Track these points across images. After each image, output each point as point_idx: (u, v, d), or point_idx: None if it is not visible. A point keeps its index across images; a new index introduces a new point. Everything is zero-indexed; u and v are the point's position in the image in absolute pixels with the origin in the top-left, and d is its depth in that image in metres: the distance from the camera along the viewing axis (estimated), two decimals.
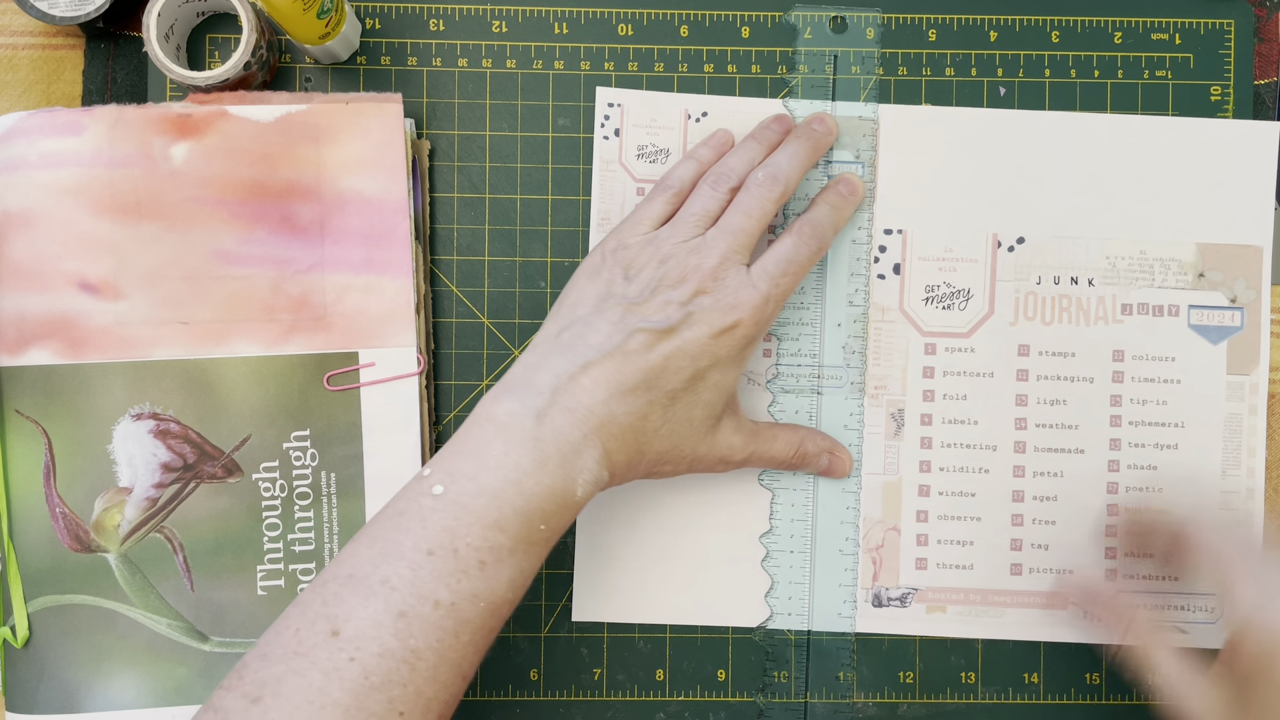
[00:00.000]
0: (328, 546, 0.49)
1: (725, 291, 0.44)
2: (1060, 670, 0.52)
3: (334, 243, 0.49)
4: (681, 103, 0.51)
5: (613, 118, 0.51)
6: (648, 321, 0.43)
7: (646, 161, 0.51)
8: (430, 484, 0.41)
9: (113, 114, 0.48)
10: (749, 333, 0.44)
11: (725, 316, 0.44)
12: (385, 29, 0.52)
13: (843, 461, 0.50)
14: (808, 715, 0.51)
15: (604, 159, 0.51)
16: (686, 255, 0.45)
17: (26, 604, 0.48)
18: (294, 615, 0.39)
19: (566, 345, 0.44)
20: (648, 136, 0.51)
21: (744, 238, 0.45)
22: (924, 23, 0.53)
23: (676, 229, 0.46)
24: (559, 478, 0.41)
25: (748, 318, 0.44)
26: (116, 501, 0.48)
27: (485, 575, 0.40)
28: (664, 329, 0.43)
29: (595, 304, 0.45)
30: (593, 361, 0.43)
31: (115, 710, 0.48)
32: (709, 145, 0.50)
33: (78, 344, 0.48)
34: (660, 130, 0.51)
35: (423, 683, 0.38)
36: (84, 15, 0.49)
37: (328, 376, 0.49)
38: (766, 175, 0.46)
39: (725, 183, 0.47)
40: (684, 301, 0.44)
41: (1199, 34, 0.53)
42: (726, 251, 0.45)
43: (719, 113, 0.51)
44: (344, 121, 0.49)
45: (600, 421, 0.42)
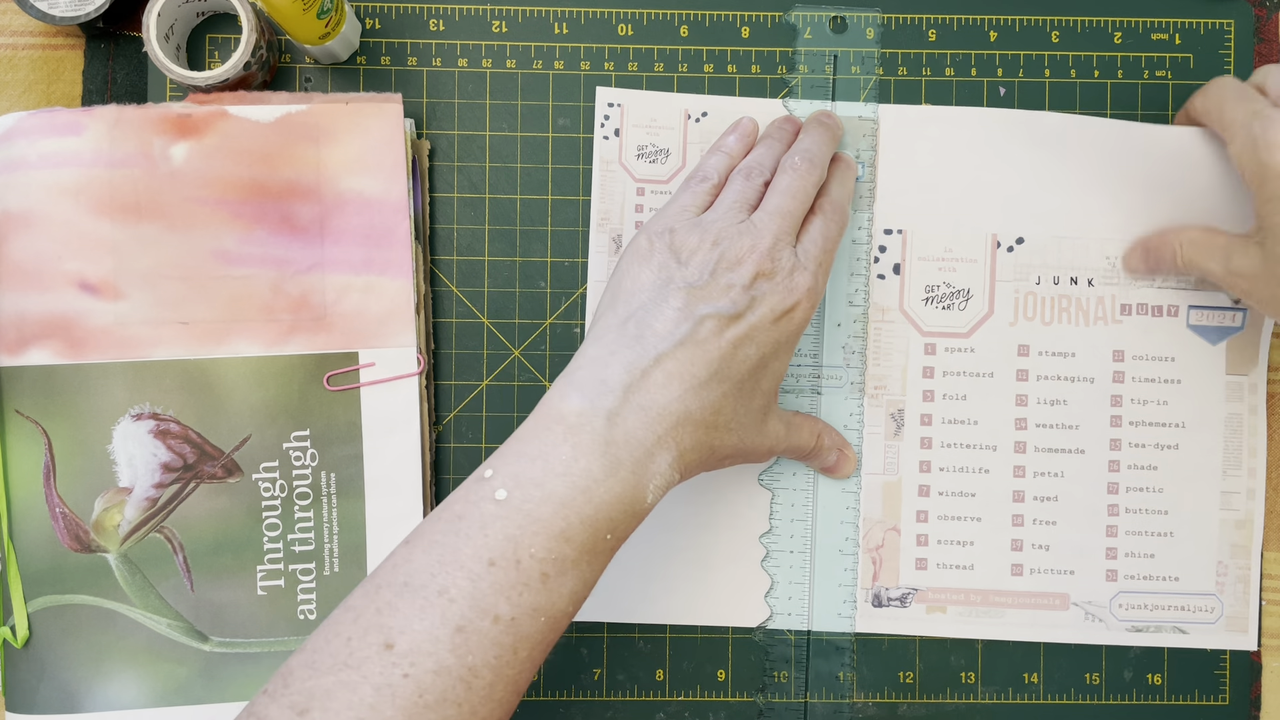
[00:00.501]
0: (327, 546, 0.49)
1: (781, 273, 0.43)
2: (1060, 670, 0.52)
3: (334, 243, 0.49)
4: (681, 103, 0.51)
5: (612, 118, 0.51)
6: (714, 307, 0.42)
7: (646, 161, 0.51)
8: (493, 488, 0.39)
9: (113, 114, 0.48)
10: (806, 314, 0.44)
11: (786, 299, 0.43)
12: (385, 29, 0.52)
13: (849, 461, 0.49)
14: (808, 715, 0.51)
15: (604, 159, 0.51)
16: (738, 237, 0.43)
17: (26, 604, 0.48)
18: (345, 622, 0.37)
19: (634, 336, 0.42)
20: (647, 136, 0.51)
21: (790, 220, 0.45)
22: (924, 23, 0.53)
23: (721, 213, 0.45)
24: (630, 484, 0.39)
25: (805, 299, 0.43)
26: (116, 501, 0.48)
27: (548, 588, 0.38)
28: (731, 314, 0.42)
29: (655, 289, 0.43)
30: (665, 353, 0.41)
31: (115, 710, 0.48)
32: (736, 135, 0.49)
33: (78, 344, 0.48)
34: (660, 130, 0.51)
35: (478, 702, 0.37)
36: (84, 15, 0.49)
37: (328, 376, 0.49)
38: (803, 159, 0.46)
39: (759, 175, 0.46)
40: (746, 285, 0.42)
41: (1199, 34, 0.53)
42: (778, 232, 0.44)
43: (719, 113, 0.51)
44: (344, 121, 0.49)
45: (676, 420, 0.40)
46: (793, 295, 0.43)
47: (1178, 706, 0.52)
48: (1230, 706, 0.52)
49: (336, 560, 0.49)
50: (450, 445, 0.52)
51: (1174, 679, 0.52)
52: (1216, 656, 0.51)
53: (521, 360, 0.52)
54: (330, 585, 0.49)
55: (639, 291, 0.43)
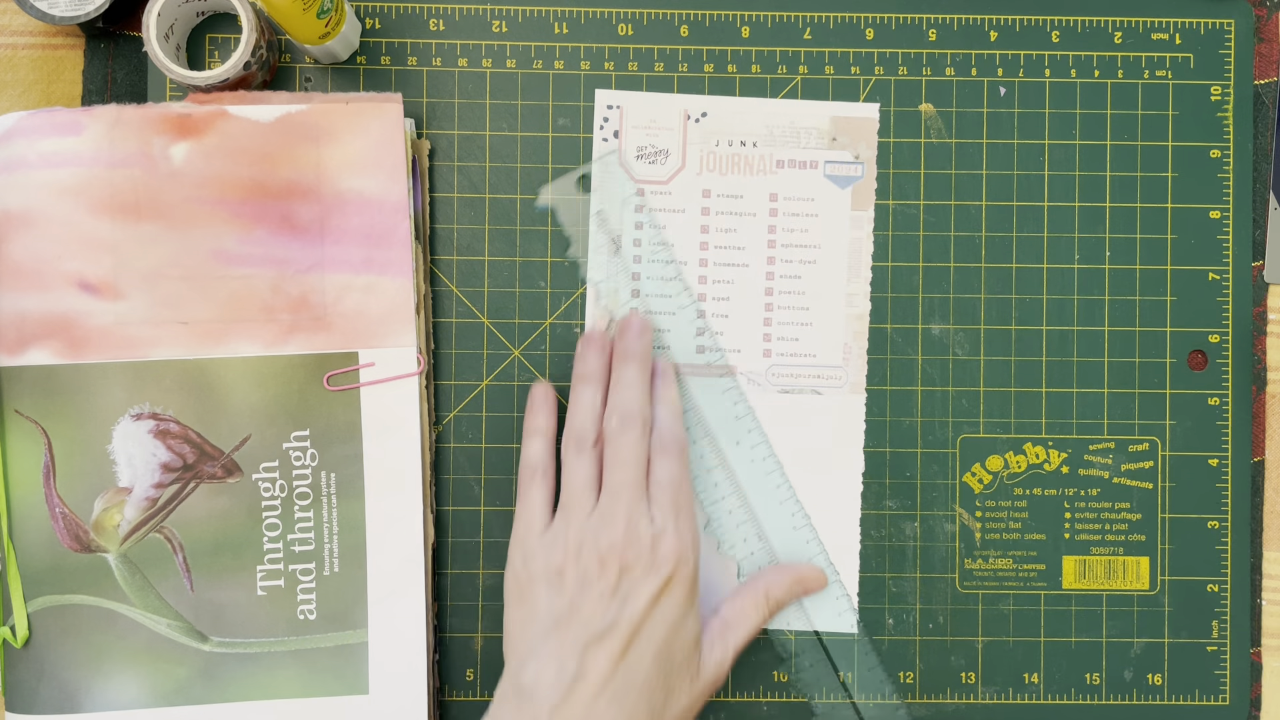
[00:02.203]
0: (327, 546, 0.49)
1: (643, 558, 0.45)
2: (1060, 670, 0.52)
3: (334, 243, 0.49)
4: (681, 103, 0.51)
5: (611, 119, 0.52)
6: (590, 630, 0.43)
7: (646, 162, 0.51)
8: None
9: (113, 114, 0.48)
10: (685, 579, 0.45)
11: (656, 579, 0.44)
12: (385, 29, 0.52)
13: (817, 580, 0.50)
14: (808, 715, 0.51)
15: (603, 161, 0.51)
16: (592, 536, 0.45)
17: (26, 604, 0.48)
18: None
19: (528, 694, 0.43)
20: (647, 137, 0.52)
21: (633, 489, 0.46)
22: (924, 23, 0.53)
23: (568, 513, 0.46)
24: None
25: (678, 568, 0.45)
26: (116, 501, 0.48)
27: None
28: (608, 628, 0.43)
29: (536, 633, 0.44)
30: (557, 704, 0.42)
31: (115, 710, 0.48)
32: (539, 411, 0.49)
33: (78, 344, 0.48)
34: (660, 131, 0.51)
35: None
36: (84, 15, 0.49)
37: (328, 376, 0.49)
38: (620, 421, 0.47)
39: (585, 444, 0.47)
40: (614, 587, 0.44)
41: (1199, 34, 0.53)
42: (626, 511, 0.45)
43: (718, 112, 0.51)
44: (344, 121, 0.49)
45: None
46: (662, 571, 0.44)
47: (1178, 706, 0.52)
48: (1230, 706, 0.52)
49: (336, 560, 0.49)
50: (450, 445, 0.52)
51: (1174, 679, 0.52)
52: (1217, 657, 0.51)
53: (521, 360, 0.52)
54: (330, 585, 0.49)
55: (519, 641, 0.45)
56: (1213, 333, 0.53)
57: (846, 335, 0.52)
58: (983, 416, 0.52)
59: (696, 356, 0.51)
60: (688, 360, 0.51)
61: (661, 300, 0.52)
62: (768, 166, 0.52)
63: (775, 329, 0.52)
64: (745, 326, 0.52)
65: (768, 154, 0.52)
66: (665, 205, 0.52)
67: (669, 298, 0.51)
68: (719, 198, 0.52)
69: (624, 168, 0.51)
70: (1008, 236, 0.52)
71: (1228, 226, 0.53)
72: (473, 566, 0.51)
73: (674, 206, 0.52)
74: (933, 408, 0.52)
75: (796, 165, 0.52)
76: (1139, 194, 0.53)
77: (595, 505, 0.46)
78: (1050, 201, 0.53)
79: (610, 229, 0.51)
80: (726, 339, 0.52)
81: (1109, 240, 0.53)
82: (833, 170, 0.52)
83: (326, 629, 0.49)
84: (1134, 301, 0.52)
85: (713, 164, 0.52)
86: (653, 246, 0.51)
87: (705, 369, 0.51)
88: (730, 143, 0.52)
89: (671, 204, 0.52)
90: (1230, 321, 0.53)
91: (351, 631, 0.49)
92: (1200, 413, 0.52)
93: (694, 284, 0.52)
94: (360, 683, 0.49)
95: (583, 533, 0.45)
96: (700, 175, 0.52)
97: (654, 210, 0.51)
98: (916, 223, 0.52)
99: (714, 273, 0.52)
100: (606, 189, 0.52)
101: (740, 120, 0.52)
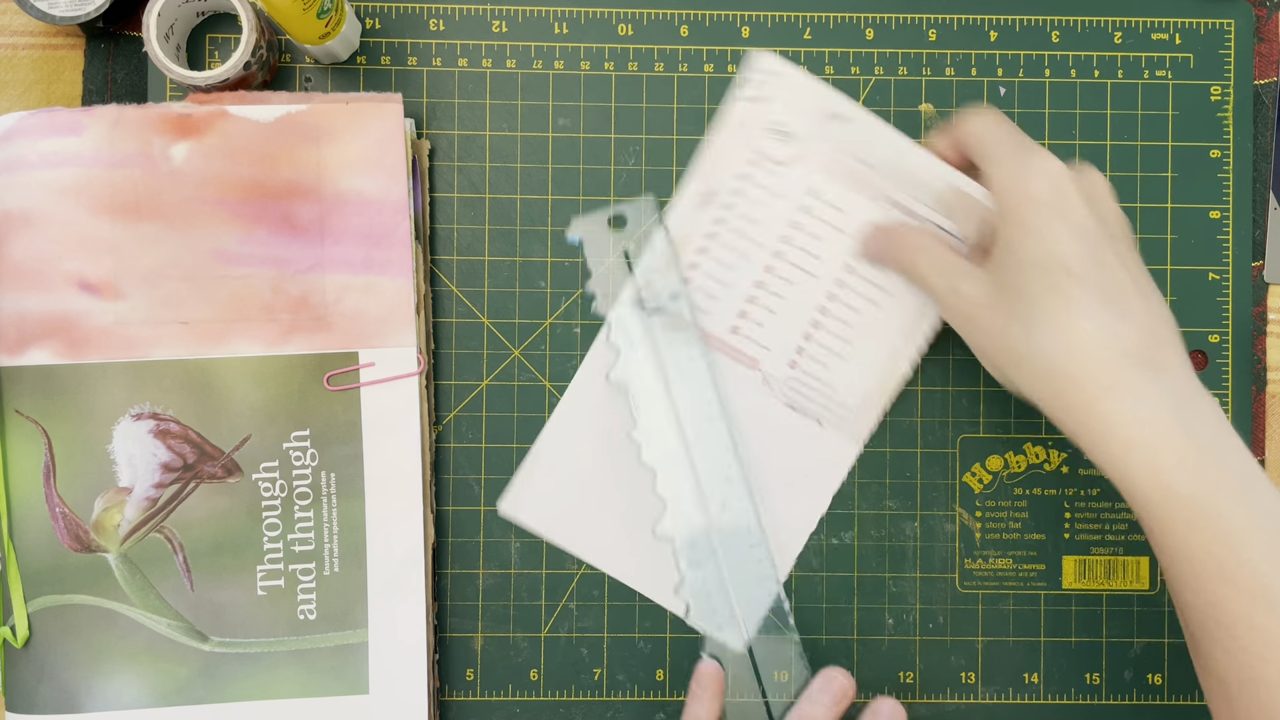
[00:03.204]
0: (327, 546, 0.49)
1: None
2: (1060, 670, 0.52)
3: (334, 243, 0.49)
4: (828, 98, 0.51)
5: (766, 84, 0.51)
6: None
7: (774, 138, 0.51)
8: None
9: (113, 114, 0.48)
10: None
11: None
12: (385, 29, 0.52)
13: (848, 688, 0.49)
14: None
15: (739, 121, 0.51)
16: None
17: (26, 604, 0.48)
18: None
19: None
20: (784, 113, 0.51)
21: None
22: (924, 23, 0.53)
23: None
24: None
25: None
26: (116, 501, 0.48)
27: None
28: None
29: None
30: None
31: (115, 710, 0.48)
32: (702, 700, 0.49)
33: (78, 344, 0.48)
34: (799, 113, 0.51)
35: None
36: (84, 15, 0.49)
37: (328, 376, 0.49)
38: None
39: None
40: None
41: (1199, 34, 0.53)
42: None
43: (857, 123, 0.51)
44: (344, 121, 0.49)
45: None
46: None
47: (1178, 706, 0.52)
48: None
49: (336, 560, 0.49)
50: (450, 445, 0.52)
51: (1174, 679, 0.52)
52: None
53: (521, 360, 0.52)
54: (330, 585, 0.49)
55: None
56: (1213, 333, 0.53)
57: (873, 385, 0.51)
58: (983, 416, 0.52)
59: (729, 335, 0.51)
60: (719, 335, 0.51)
61: (721, 267, 0.51)
62: (879, 196, 0.50)
63: (810, 346, 0.51)
64: (784, 331, 0.51)
65: (884, 185, 0.50)
66: (770, 184, 0.51)
67: (730, 268, 0.51)
68: (821, 203, 0.51)
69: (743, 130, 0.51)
70: None
71: (1228, 226, 0.53)
72: (473, 566, 0.51)
73: (777, 190, 0.51)
74: (933, 408, 0.52)
75: (905, 212, 0.50)
76: (1139, 194, 0.53)
77: None
78: None
79: (708, 185, 0.51)
80: (762, 333, 0.51)
81: None
82: None
83: (327, 629, 0.49)
84: None
85: (832, 168, 0.51)
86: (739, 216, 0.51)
87: (730, 349, 0.51)
88: (856, 157, 0.51)
89: (776, 186, 0.51)
90: (1230, 321, 0.53)
91: (351, 631, 0.49)
92: None
93: (758, 268, 0.51)
94: (360, 683, 0.49)
95: None
96: (813, 174, 0.51)
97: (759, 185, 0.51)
98: None
99: (781, 268, 0.51)
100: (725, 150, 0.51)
101: (873, 140, 0.50)
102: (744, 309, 0.51)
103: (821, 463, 0.52)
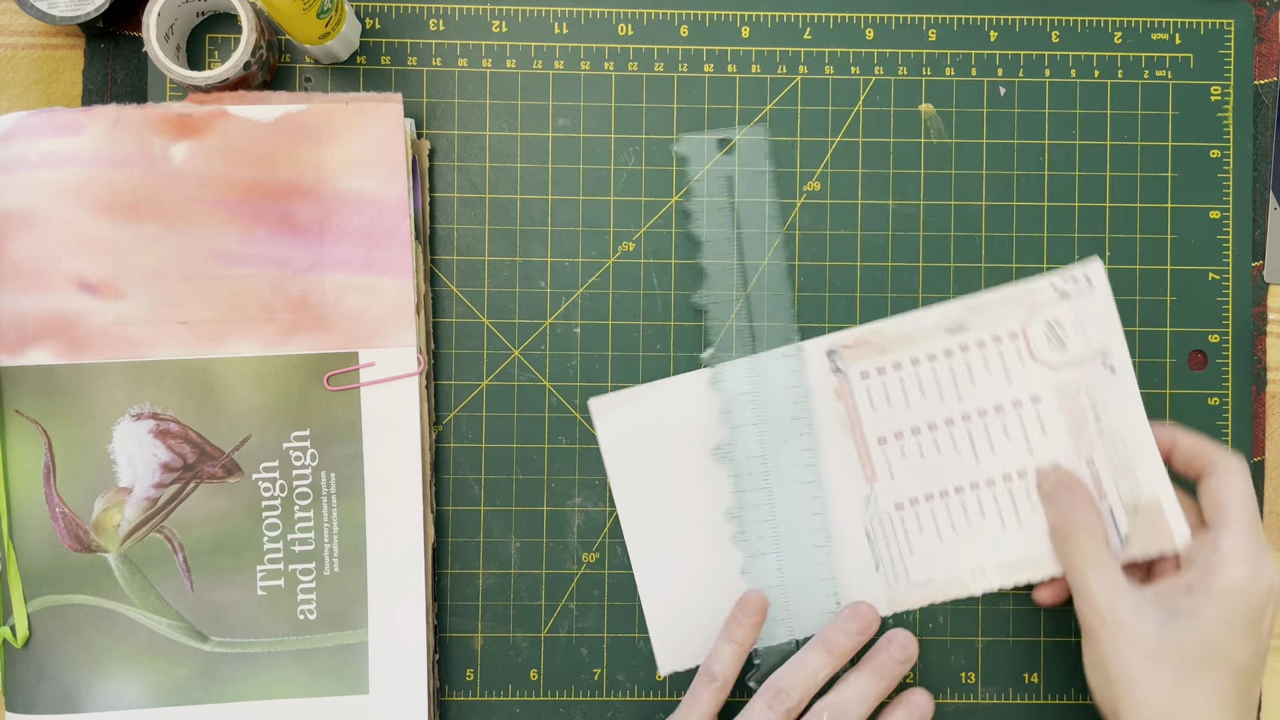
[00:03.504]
0: (327, 546, 0.49)
1: None
2: (1060, 670, 0.52)
3: (334, 243, 0.49)
4: (1113, 343, 0.50)
5: (1077, 285, 0.50)
6: None
7: (1044, 331, 0.50)
8: None
9: (113, 114, 0.48)
10: None
11: None
12: (385, 29, 0.52)
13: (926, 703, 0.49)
14: None
15: (1032, 295, 0.50)
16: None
17: (26, 604, 0.48)
18: None
19: None
20: (1070, 322, 0.50)
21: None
22: (924, 23, 0.53)
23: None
24: None
25: None
26: (116, 501, 0.48)
27: None
28: None
29: None
30: None
31: (115, 710, 0.48)
32: (743, 622, 0.48)
33: (78, 344, 0.48)
34: (1081, 333, 0.50)
35: None
36: (84, 15, 0.49)
37: (328, 376, 0.49)
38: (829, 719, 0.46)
39: (783, 701, 0.46)
40: None
41: (1199, 34, 0.53)
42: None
43: (1122, 378, 0.50)
44: (344, 121, 0.49)
45: None
46: None
47: None
48: None
49: (336, 560, 0.49)
50: (450, 445, 0.52)
51: None
52: None
53: (521, 360, 0.52)
54: (330, 585, 0.49)
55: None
56: (1213, 333, 0.53)
57: (941, 579, 0.50)
58: None
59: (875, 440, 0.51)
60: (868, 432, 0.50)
61: (917, 387, 0.50)
62: (1084, 451, 0.50)
63: (926, 507, 0.50)
64: (919, 478, 0.50)
65: (1096, 446, 0.50)
66: (1009, 363, 0.50)
67: (924, 394, 0.50)
68: (1035, 412, 0.50)
69: (1028, 303, 0.50)
70: (1008, 236, 0.52)
71: (1228, 226, 0.53)
72: (473, 566, 0.51)
73: (1011, 372, 0.50)
74: None
75: (1094, 481, 0.50)
76: (1139, 194, 0.53)
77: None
78: (1050, 201, 0.53)
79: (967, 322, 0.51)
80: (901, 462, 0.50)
81: (1109, 240, 0.53)
82: None
83: (327, 629, 0.49)
84: (1134, 301, 0.52)
85: (1065, 394, 0.50)
86: (965, 362, 0.50)
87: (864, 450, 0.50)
88: (1094, 406, 0.50)
89: (1013, 368, 0.50)
90: (1230, 321, 0.53)
91: (351, 631, 0.49)
92: (1200, 413, 0.52)
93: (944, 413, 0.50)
94: (360, 682, 0.49)
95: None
96: (1048, 388, 0.50)
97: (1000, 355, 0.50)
98: (916, 223, 0.52)
99: (960, 430, 0.50)
100: (998, 304, 0.51)
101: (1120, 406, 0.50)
102: (905, 432, 0.50)
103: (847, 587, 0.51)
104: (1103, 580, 0.45)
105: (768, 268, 0.52)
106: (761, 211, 0.52)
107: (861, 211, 0.52)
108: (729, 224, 0.52)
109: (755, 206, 0.52)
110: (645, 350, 0.52)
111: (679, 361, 0.52)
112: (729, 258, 0.52)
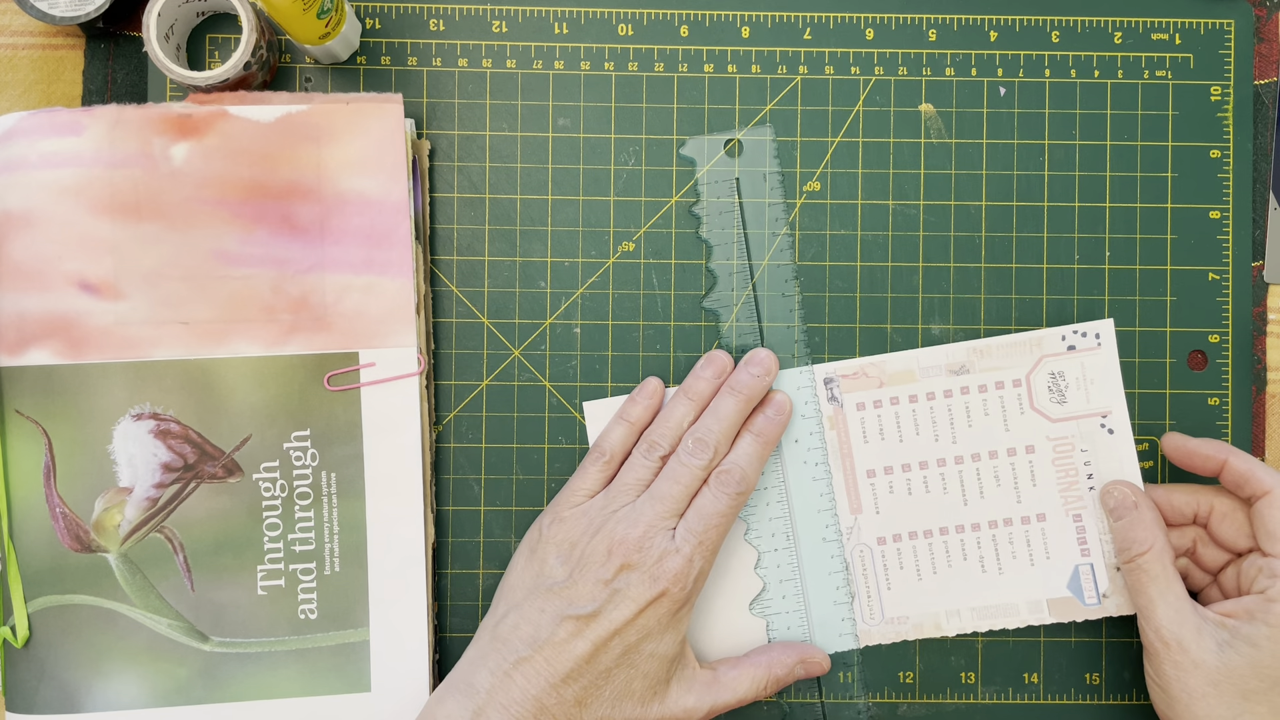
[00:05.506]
0: (328, 546, 0.49)
1: (648, 562, 0.45)
2: (1060, 670, 0.52)
3: (334, 243, 0.49)
4: (1114, 406, 0.50)
5: (1085, 344, 0.50)
6: (574, 608, 0.45)
7: (1048, 383, 0.50)
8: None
9: (113, 114, 0.48)
10: (676, 600, 0.46)
11: (650, 589, 0.45)
12: (385, 29, 0.52)
13: (818, 664, 0.50)
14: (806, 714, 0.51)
15: (1041, 345, 0.50)
16: (615, 525, 0.46)
17: (26, 604, 0.48)
18: None
19: (502, 640, 0.45)
20: (1074, 378, 0.50)
21: (671, 503, 0.47)
22: (924, 23, 0.53)
23: (610, 498, 0.47)
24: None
25: (673, 586, 0.45)
26: (117, 501, 0.48)
27: None
28: (590, 613, 0.45)
29: (528, 590, 0.46)
30: (524, 658, 0.45)
31: (115, 710, 0.48)
32: (638, 402, 0.50)
33: (78, 344, 0.48)
34: (1084, 391, 0.50)
35: None
36: (84, 15, 0.49)
37: (328, 376, 0.49)
38: (696, 442, 0.48)
39: (656, 451, 0.48)
40: (609, 579, 0.45)
41: (1199, 34, 0.53)
42: (653, 519, 0.46)
43: (1120, 440, 0.50)
44: (344, 121, 0.49)
45: (534, 714, 0.44)
46: (658, 583, 0.45)
47: None
48: None
49: (337, 560, 0.49)
50: (450, 445, 0.52)
51: None
52: None
53: (521, 360, 0.52)
54: (330, 585, 0.49)
55: (515, 590, 0.47)
56: (1213, 333, 0.53)
57: (914, 618, 0.51)
58: None
59: (865, 472, 0.51)
60: (859, 464, 0.51)
61: (912, 424, 0.50)
62: (1071, 505, 0.50)
63: (908, 546, 0.50)
64: (905, 515, 0.51)
65: (1085, 500, 0.50)
66: (1010, 411, 0.51)
67: (918, 431, 0.50)
68: (1025, 460, 0.50)
69: (1037, 353, 0.50)
70: (1008, 236, 0.52)
71: (1228, 226, 0.53)
72: (473, 566, 0.51)
73: (1011, 420, 0.50)
74: None
75: (1076, 524, 0.50)
76: (1139, 194, 0.53)
77: (634, 503, 0.47)
78: (1050, 201, 0.53)
79: (970, 364, 0.51)
80: (889, 498, 0.51)
81: (1109, 240, 0.53)
82: None
83: (327, 628, 0.49)
84: (1134, 301, 0.53)
85: (1061, 449, 0.50)
86: (965, 405, 0.50)
87: (853, 483, 0.51)
88: (1087, 460, 0.50)
89: (1012, 417, 0.51)
90: (1230, 321, 0.53)
91: (352, 630, 0.49)
92: (1200, 413, 0.52)
93: (936, 453, 0.51)
94: (363, 680, 0.49)
95: (607, 520, 0.46)
96: (1044, 439, 0.50)
97: (1003, 405, 0.50)
98: (916, 223, 0.52)
99: (952, 470, 0.50)
100: (1005, 352, 0.51)
101: (1115, 464, 0.50)
102: (895, 468, 0.51)
103: (821, 619, 0.51)
104: (1166, 602, 0.46)
105: (769, 268, 0.52)
106: (763, 212, 0.52)
107: (861, 211, 0.52)
108: (735, 226, 0.52)
109: (758, 207, 0.52)
110: (645, 350, 0.52)
111: (679, 361, 0.52)
112: (734, 259, 0.52)
